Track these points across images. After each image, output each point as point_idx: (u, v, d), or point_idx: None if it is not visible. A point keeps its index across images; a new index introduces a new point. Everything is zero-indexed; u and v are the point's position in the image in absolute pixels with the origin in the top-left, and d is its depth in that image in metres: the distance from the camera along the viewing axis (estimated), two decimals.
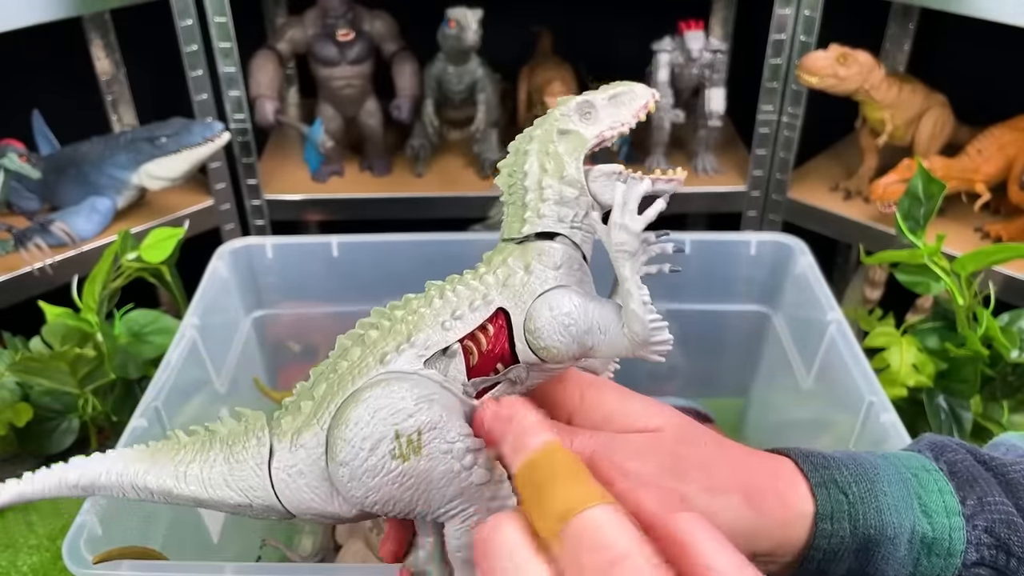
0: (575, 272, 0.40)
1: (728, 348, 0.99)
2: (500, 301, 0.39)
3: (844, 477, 0.37)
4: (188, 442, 0.41)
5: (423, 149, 1.27)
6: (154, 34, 1.14)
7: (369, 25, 1.21)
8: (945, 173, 1.04)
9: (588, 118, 0.41)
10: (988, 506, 0.37)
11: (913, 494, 0.37)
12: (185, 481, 0.40)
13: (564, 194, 0.40)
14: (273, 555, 0.84)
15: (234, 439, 0.40)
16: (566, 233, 0.40)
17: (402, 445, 0.35)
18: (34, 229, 1.05)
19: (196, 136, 1.09)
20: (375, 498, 0.36)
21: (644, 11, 1.33)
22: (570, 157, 0.40)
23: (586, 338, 0.38)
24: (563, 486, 0.31)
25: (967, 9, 0.94)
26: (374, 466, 0.35)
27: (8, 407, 0.88)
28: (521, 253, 0.40)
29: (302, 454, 0.38)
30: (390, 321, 0.39)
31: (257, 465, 0.39)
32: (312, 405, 0.38)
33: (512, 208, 0.41)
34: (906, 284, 0.86)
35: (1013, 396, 0.84)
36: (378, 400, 0.36)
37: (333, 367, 0.39)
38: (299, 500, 0.38)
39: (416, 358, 0.38)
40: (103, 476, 0.41)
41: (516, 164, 0.41)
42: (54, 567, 0.84)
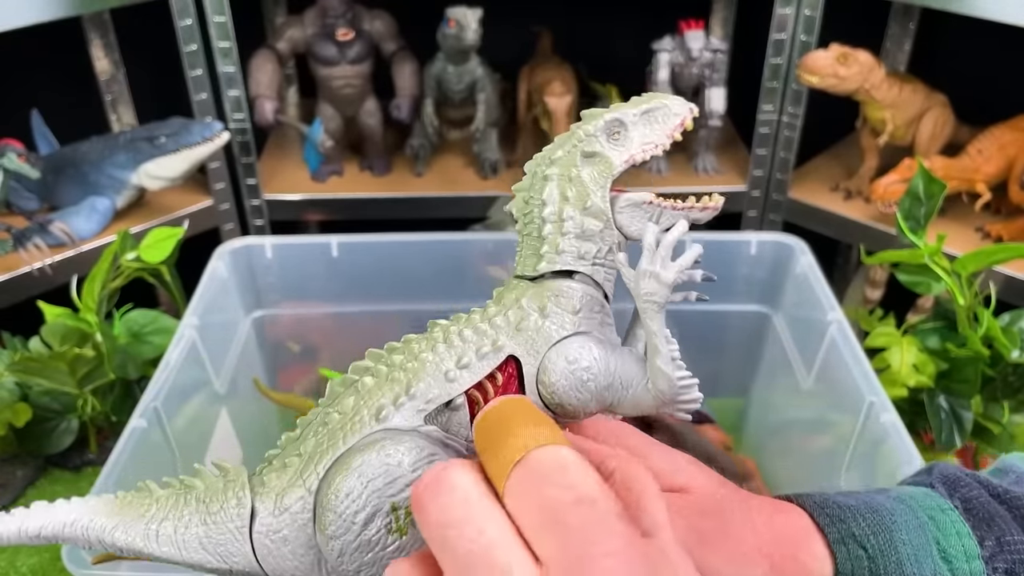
0: (595, 315, 0.36)
1: (728, 348, 0.99)
2: (511, 348, 0.35)
3: (862, 529, 0.36)
4: (161, 496, 0.36)
5: (423, 149, 1.27)
6: (153, 34, 1.14)
7: (369, 25, 1.21)
8: (946, 173, 1.04)
9: (617, 139, 0.36)
10: (1007, 546, 0.36)
11: (932, 540, 0.36)
12: (156, 541, 0.35)
13: (587, 227, 0.36)
14: None
15: (212, 497, 0.35)
16: (587, 271, 0.36)
17: (399, 519, 0.32)
18: (33, 229, 1.05)
19: (195, 136, 1.08)
20: (369, 573, 0.33)
21: (644, 11, 1.33)
22: (595, 185, 0.36)
23: (606, 394, 0.35)
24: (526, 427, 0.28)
25: (968, 9, 0.93)
26: (368, 541, 0.32)
27: (7, 407, 0.88)
28: (536, 293, 0.36)
29: (287, 519, 0.34)
30: (388, 367, 0.35)
31: (237, 529, 0.35)
32: (299, 463, 0.35)
33: (527, 240, 0.37)
34: (907, 284, 0.86)
35: (1014, 396, 0.84)
36: (372, 467, 0.32)
37: (323, 419, 0.35)
38: (283, 568, 0.35)
39: (415, 413, 0.34)
40: (67, 528, 0.36)
41: (533, 190, 0.37)
42: (53, 567, 0.84)
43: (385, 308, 0.92)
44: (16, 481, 0.92)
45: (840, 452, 0.76)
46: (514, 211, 0.38)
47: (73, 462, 0.95)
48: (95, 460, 0.94)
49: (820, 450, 0.83)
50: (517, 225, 0.38)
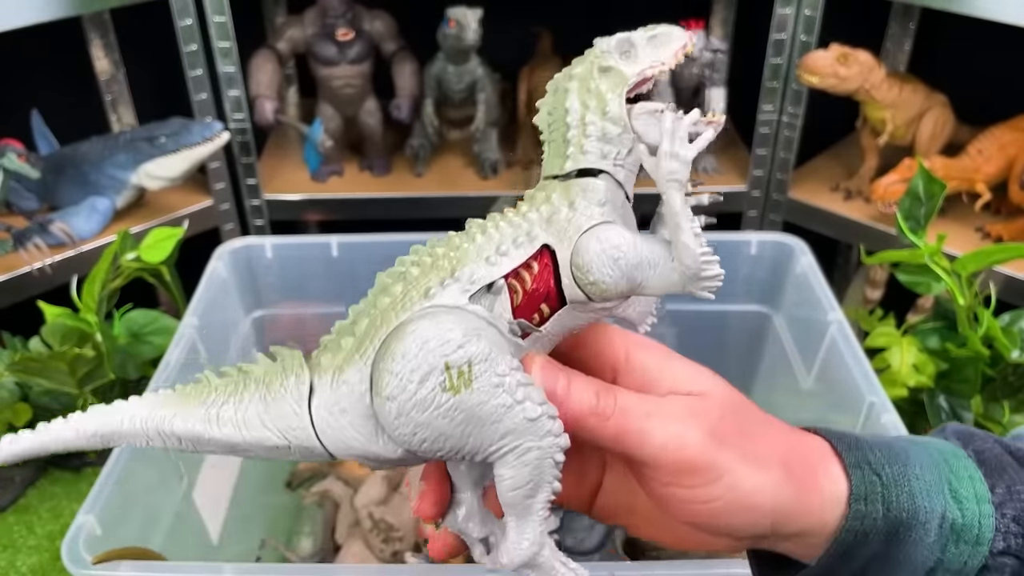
0: (619, 210, 0.39)
1: (728, 348, 0.99)
2: (545, 238, 0.38)
3: (877, 458, 0.37)
4: (220, 384, 0.39)
5: (423, 149, 1.27)
6: (153, 34, 1.14)
7: (369, 25, 1.21)
8: (946, 173, 1.04)
9: (628, 56, 0.40)
10: (1017, 494, 0.36)
11: (944, 479, 0.37)
12: (218, 424, 0.38)
13: (607, 131, 0.38)
14: (272, 555, 0.84)
15: (271, 378, 0.38)
16: (609, 171, 0.38)
17: (453, 377, 0.34)
18: (33, 229, 1.05)
19: (195, 136, 1.08)
20: (423, 435, 0.35)
21: (644, 11, 1.33)
22: (612, 94, 0.39)
23: (636, 272, 0.37)
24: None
25: (968, 9, 0.93)
26: (423, 399, 0.34)
27: (7, 407, 0.88)
28: (564, 190, 0.38)
29: (344, 390, 0.36)
30: (431, 258, 0.38)
31: (296, 403, 0.37)
32: (354, 341, 0.37)
33: (553, 145, 0.40)
34: (907, 284, 0.86)
35: (1014, 396, 0.84)
36: (427, 331, 0.35)
37: (373, 303, 0.37)
38: (341, 440, 0.37)
39: (461, 292, 0.37)
40: (125, 423, 0.39)
41: (556, 102, 0.40)
42: (53, 568, 0.84)
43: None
44: (16, 481, 0.92)
45: None
46: (539, 123, 0.40)
47: (73, 463, 0.95)
48: (95, 461, 0.94)
49: None
50: (542, 135, 0.40)
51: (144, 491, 0.70)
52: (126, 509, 0.65)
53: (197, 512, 0.77)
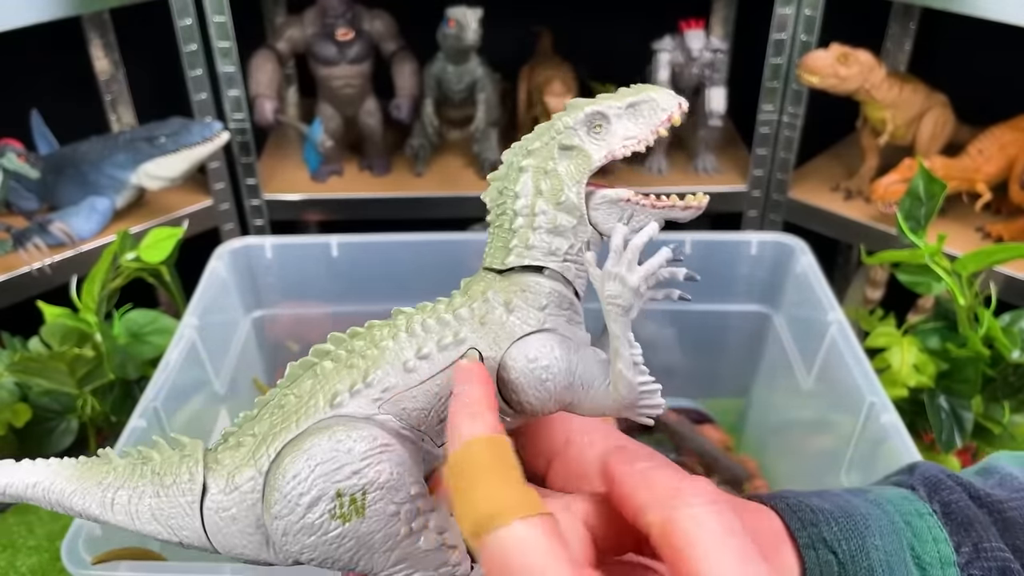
0: (563, 312, 0.36)
1: (729, 348, 0.99)
2: (474, 340, 0.34)
3: (833, 533, 0.35)
4: (119, 465, 0.37)
5: (423, 149, 1.27)
6: (153, 34, 1.14)
7: (368, 24, 1.21)
8: (946, 173, 1.04)
9: (598, 133, 0.35)
10: (983, 552, 0.35)
11: (906, 546, 0.36)
12: (112, 510, 0.36)
13: (559, 222, 0.35)
14: None
15: (166, 470, 0.36)
16: (557, 268, 0.35)
17: (343, 505, 0.32)
18: (33, 229, 1.05)
19: (195, 136, 1.08)
20: (311, 556, 0.33)
21: (644, 10, 1.33)
22: (571, 179, 0.35)
23: (565, 394, 0.34)
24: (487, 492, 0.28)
25: (968, 9, 0.93)
26: (311, 525, 0.32)
27: (7, 408, 0.88)
28: (503, 287, 0.35)
29: (236, 497, 0.34)
30: (347, 352, 0.35)
31: (188, 504, 0.35)
32: (253, 443, 0.35)
33: (498, 232, 0.36)
34: (907, 284, 0.86)
35: (1014, 396, 0.84)
36: (321, 452, 0.32)
37: (280, 401, 0.35)
38: (231, 545, 0.35)
39: (371, 401, 0.34)
40: (30, 489, 0.38)
41: (508, 180, 0.36)
42: (53, 568, 0.84)
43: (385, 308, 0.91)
44: None
45: (840, 452, 0.76)
46: (487, 200, 0.37)
47: None
48: None
49: (820, 450, 0.83)
50: (489, 216, 0.37)
51: None
52: None
53: None
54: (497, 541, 0.27)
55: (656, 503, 0.29)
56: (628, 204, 0.35)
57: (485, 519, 0.27)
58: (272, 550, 0.35)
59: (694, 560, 0.27)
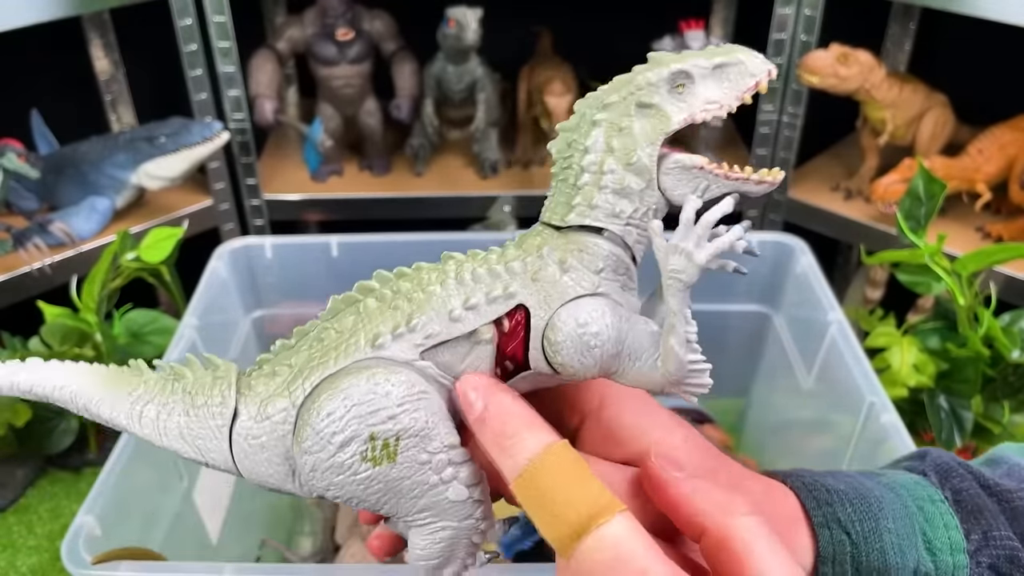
0: (619, 277, 0.34)
1: (729, 348, 0.99)
2: (523, 297, 0.33)
3: (847, 514, 0.36)
4: (151, 378, 0.37)
5: (423, 149, 1.27)
6: (153, 34, 1.14)
7: (368, 24, 1.21)
8: (946, 173, 1.04)
9: (680, 93, 0.33)
10: (993, 540, 0.36)
11: (918, 530, 0.36)
12: (139, 422, 0.36)
13: (627, 184, 0.33)
14: (272, 556, 0.84)
15: (198, 390, 0.36)
16: (618, 231, 0.34)
17: (376, 448, 0.32)
18: (33, 229, 1.05)
19: (195, 136, 1.08)
20: (336, 493, 0.33)
21: (644, 11, 1.33)
22: (645, 139, 0.33)
23: (612, 363, 0.33)
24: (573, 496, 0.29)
25: (968, 9, 0.93)
26: (340, 464, 0.32)
27: (7, 407, 0.88)
28: (560, 244, 0.34)
29: (267, 426, 0.34)
30: (393, 293, 0.34)
31: (217, 427, 0.35)
32: (288, 374, 0.34)
33: (561, 186, 0.35)
34: (907, 284, 0.86)
35: (1014, 396, 0.84)
36: (358, 393, 0.32)
37: (319, 334, 0.35)
38: (256, 472, 0.35)
39: (413, 348, 0.33)
40: (56, 391, 0.37)
41: (579, 132, 0.34)
42: (53, 568, 0.84)
43: None
44: (16, 482, 0.92)
45: (840, 452, 0.76)
46: (553, 152, 0.35)
47: (73, 462, 0.95)
48: (95, 460, 0.94)
49: (820, 450, 0.83)
50: (554, 167, 0.35)
51: (144, 491, 0.70)
52: (126, 509, 0.64)
53: (197, 512, 0.77)
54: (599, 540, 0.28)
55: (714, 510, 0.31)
56: (701, 172, 0.33)
57: (587, 519, 0.29)
58: (297, 482, 0.34)
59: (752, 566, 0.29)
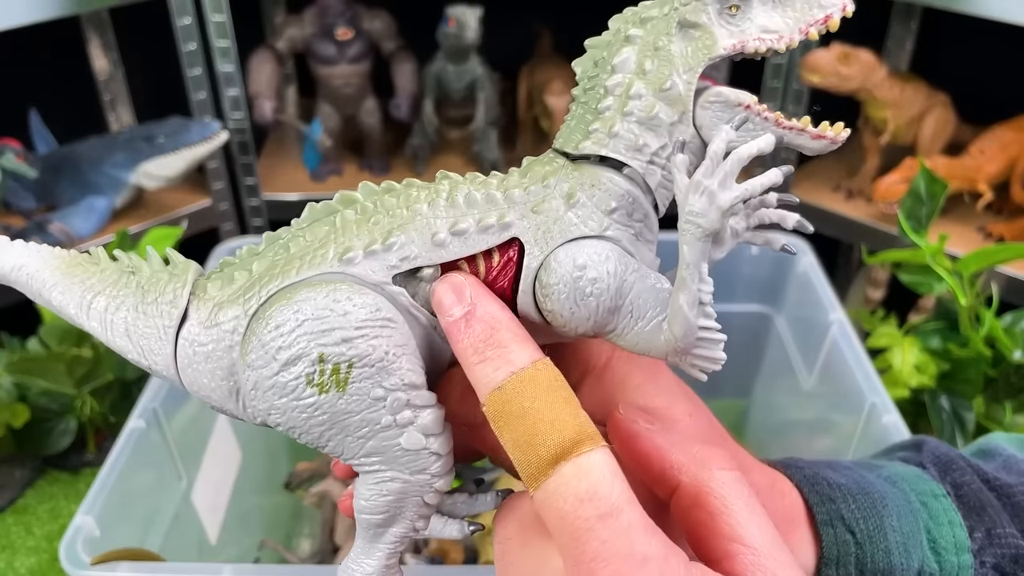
0: (634, 223, 0.30)
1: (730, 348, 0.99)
2: (520, 229, 0.29)
3: (851, 512, 0.35)
4: (107, 268, 0.33)
5: (422, 148, 1.27)
6: (152, 33, 1.14)
7: (368, 24, 1.21)
8: (947, 173, 1.03)
9: (732, 15, 0.29)
10: (996, 539, 0.35)
11: (922, 528, 0.35)
12: (87, 314, 0.32)
13: (656, 113, 0.29)
14: (271, 556, 0.84)
15: (151, 286, 0.32)
16: (639, 168, 0.29)
17: (324, 373, 0.28)
18: (31, 229, 1.05)
19: (194, 135, 1.08)
20: (277, 419, 0.29)
21: None
22: (683, 64, 0.29)
23: (608, 319, 0.29)
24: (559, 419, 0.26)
25: (970, 8, 0.93)
26: (283, 384, 0.28)
27: (5, 408, 0.87)
28: (569, 176, 0.30)
29: (215, 334, 0.30)
30: (375, 206, 0.30)
31: (164, 327, 0.31)
32: (246, 280, 0.30)
33: (580, 109, 0.30)
34: (908, 284, 0.86)
35: (1016, 397, 0.84)
36: (313, 307, 0.28)
37: (287, 242, 0.31)
38: (198, 384, 0.31)
39: (386, 269, 0.29)
40: (14, 272, 0.33)
41: (610, 50, 0.30)
42: (51, 569, 0.84)
43: None
44: (14, 482, 0.92)
45: (842, 453, 0.76)
46: (578, 70, 0.31)
47: (71, 463, 0.94)
48: (93, 461, 0.94)
49: (822, 451, 0.83)
50: (575, 89, 0.31)
51: (143, 492, 0.69)
52: (125, 510, 0.64)
53: (196, 513, 0.77)
54: (579, 468, 0.26)
55: (690, 462, 0.29)
56: (748, 111, 0.29)
57: (570, 444, 0.26)
58: (240, 403, 0.31)
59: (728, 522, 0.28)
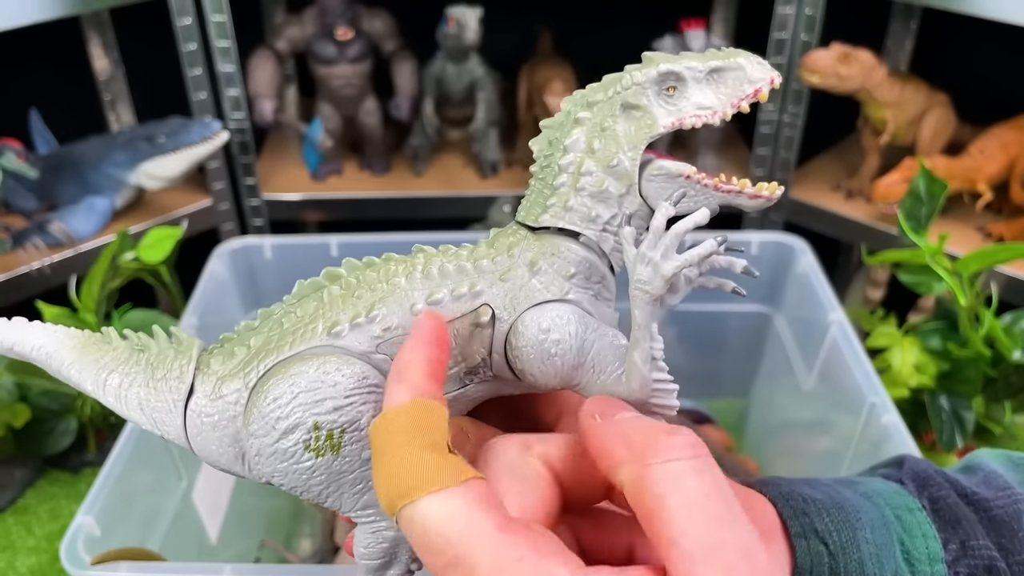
0: (592, 285, 0.33)
1: (729, 349, 0.99)
2: (489, 296, 0.32)
3: (825, 525, 0.35)
4: (119, 347, 0.36)
5: (422, 148, 1.27)
6: (152, 33, 1.14)
7: (368, 24, 1.21)
8: (947, 173, 1.03)
9: (670, 96, 0.32)
10: (971, 550, 0.35)
11: (896, 540, 0.35)
12: (103, 389, 0.36)
13: (605, 187, 0.32)
14: (271, 556, 0.84)
15: (159, 363, 0.35)
16: (594, 236, 0.32)
17: (319, 439, 0.31)
18: (32, 229, 1.05)
19: (194, 135, 1.08)
20: (281, 480, 0.33)
21: (644, 10, 1.33)
22: (628, 143, 0.32)
23: (573, 374, 0.32)
24: (396, 467, 0.27)
25: (969, 8, 0.93)
26: (284, 451, 0.32)
27: (6, 408, 0.87)
28: (531, 246, 0.33)
29: (220, 406, 0.33)
30: (357, 282, 0.33)
31: (173, 401, 0.35)
32: (245, 355, 0.34)
33: (538, 185, 0.33)
34: (908, 284, 0.86)
35: (1015, 397, 0.84)
36: (306, 380, 0.31)
37: (280, 318, 0.34)
38: (208, 451, 0.34)
39: (370, 339, 0.32)
40: (34, 351, 0.37)
41: (561, 131, 0.33)
42: (52, 569, 0.84)
43: None
44: (14, 482, 0.92)
45: (841, 453, 0.76)
46: (535, 149, 0.34)
47: (72, 463, 0.94)
48: (94, 461, 0.94)
49: (821, 451, 0.83)
50: (533, 166, 0.34)
51: (143, 492, 0.70)
52: (125, 510, 0.64)
53: (196, 513, 0.77)
54: (408, 521, 0.26)
55: (630, 457, 0.26)
56: (688, 182, 0.31)
57: (396, 496, 0.26)
58: (246, 467, 0.34)
59: (662, 523, 0.25)
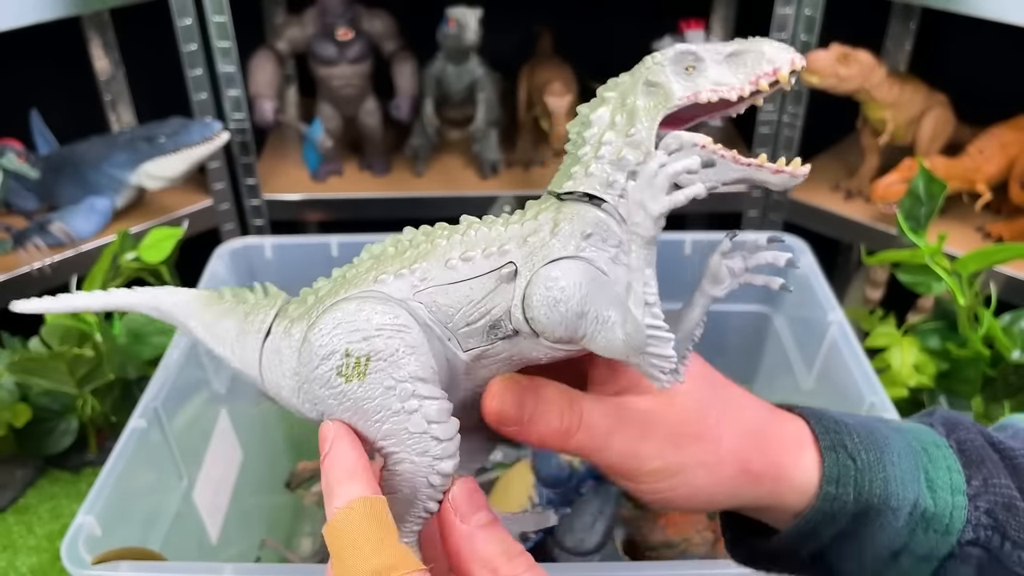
0: (609, 247, 0.34)
1: (729, 348, 0.99)
2: (514, 255, 0.35)
3: (854, 443, 0.37)
4: (228, 299, 0.44)
5: (422, 149, 1.27)
6: (153, 33, 1.14)
7: (368, 24, 1.21)
8: (946, 173, 1.04)
9: (688, 73, 0.33)
10: (992, 487, 0.37)
11: (920, 467, 0.37)
12: (211, 335, 0.43)
13: (623, 155, 0.34)
14: (272, 556, 0.84)
15: (251, 310, 0.42)
16: (611, 201, 0.34)
17: (349, 365, 0.35)
18: (32, 229, 1.05)
19: (195, 136, 1.08)
20: (321, 408, 0.36)
21: (644, 11, 1.33)
22: (646, 114, 0.34)
23: (578, 323, 0.33)
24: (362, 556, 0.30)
25: (969, 8, 0.93)
26: (320, 376, 0.35)
27: (7, 408, 0.88)
28: (557, 210, 0.35)
29: (288, 342, 0.39)
30: (411, 242, 0.38)
31: (256, 341, 0.40)
32: (313, 301, 0.39)
33: (567, 158, 0.37)
34: (907, 284, 0.86)
35: (1014, 396, 0.84)
36: (345, 314, 0.35)
37: (344, 272, 0.39)
38: (276, 384, 0.39)
39: (409, 287, 0.36)
40: (175, 308, 0.45)
41: (591, 109, 0.36)
42: (53, 568, 0.84)
43: None
44: (15, 482, 0.92)
45: None
46: (569, 129, 0.37)
47: (72, 463, 0.94)
48: (95, 461, 0.94)
49: None
50: (568, 144, 0.37)
51: (144, 491, 0.70)
52: (126, 509, 0.64)
53: (197, 512, 0.77)
54: None
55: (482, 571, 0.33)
56: (704, 151, 0.33)
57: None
58: (301, 399, 0.38)
59: None
